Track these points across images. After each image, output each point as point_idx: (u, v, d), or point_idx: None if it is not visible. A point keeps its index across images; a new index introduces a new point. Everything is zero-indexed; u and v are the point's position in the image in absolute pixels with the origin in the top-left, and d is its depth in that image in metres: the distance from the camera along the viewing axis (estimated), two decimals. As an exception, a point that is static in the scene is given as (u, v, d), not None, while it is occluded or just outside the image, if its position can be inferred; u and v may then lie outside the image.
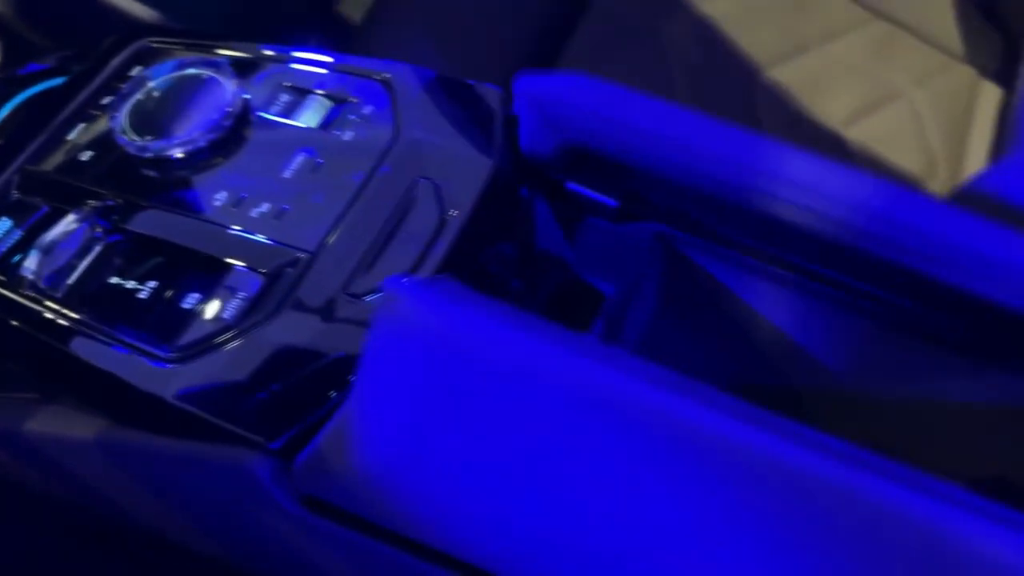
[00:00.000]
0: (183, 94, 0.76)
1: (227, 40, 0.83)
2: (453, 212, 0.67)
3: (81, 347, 0.66)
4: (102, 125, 0.77)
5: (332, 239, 0.66)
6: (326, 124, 0.74)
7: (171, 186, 0.72)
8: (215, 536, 0.72)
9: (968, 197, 0.94)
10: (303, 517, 0.59)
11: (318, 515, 0.59)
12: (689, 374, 0.82)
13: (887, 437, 0.83)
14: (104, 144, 0.76)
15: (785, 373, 0.82)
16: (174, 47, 0.83)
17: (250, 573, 0.74)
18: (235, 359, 0.61)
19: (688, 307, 0.79)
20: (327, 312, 0.63)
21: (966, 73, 1.29)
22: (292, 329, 0.62)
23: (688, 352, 0.82)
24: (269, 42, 0.83)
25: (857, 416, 0.82)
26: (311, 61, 0.79)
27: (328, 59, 0.79)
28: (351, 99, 0.75)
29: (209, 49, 0.82)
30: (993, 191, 0.92)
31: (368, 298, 0.62)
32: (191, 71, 0.78)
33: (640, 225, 0.75)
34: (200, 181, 0.72)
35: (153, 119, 0.75)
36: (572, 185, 0.75)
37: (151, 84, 0.77)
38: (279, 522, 0.61)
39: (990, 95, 1.31)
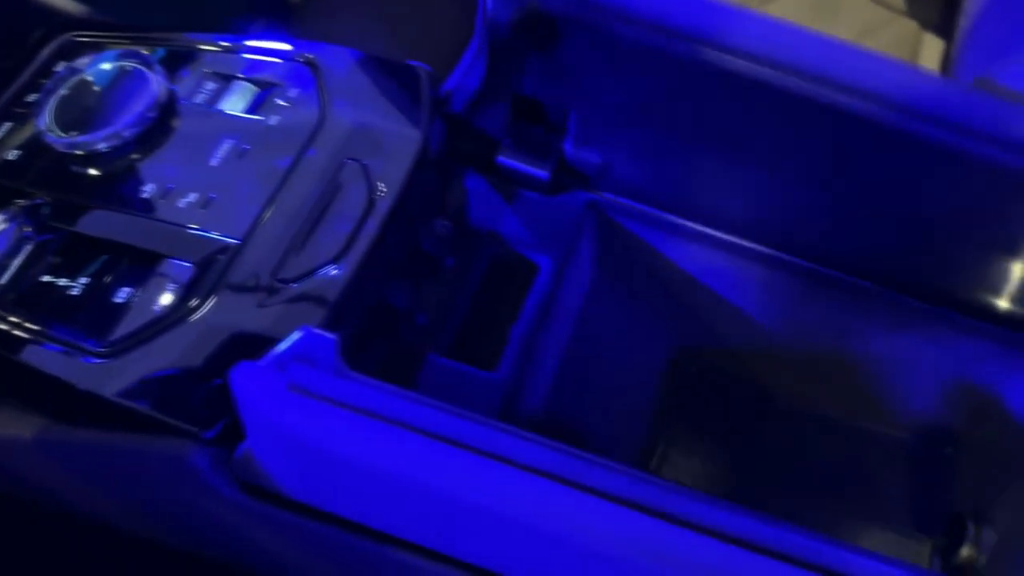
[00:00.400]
0: (108, 88, 0.75)
1: (151, 30, 0.82)
2: (382, 192, 0.67)
3: (16, 347, 0.66)
4: (28, 123, 0.77)
5: (260, 225, 0.66)
6: (252, 110, 0.74)
7: (99, 181, 0.71)
8: (165, 524, 0.72)
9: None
10: (243, 502, 0.59)
11: (257, 499, 0.59)
12: (628, 339, 0.84)
13: (824, 392, 0.84)
14: (30, 142, 0.75)
15: (722, 333, 0.83)
16: (98, 40, 0.82)
17: (199, 558, 0.75)
18: (167, 351, 0.61)
19: (623, 274, 0.80)
20: (257, 299, 0.63)
21: (908, 27, 1.30)
22: (222, 318, 0.62)
23: (626, 318, 0.83)
24: (211, 28, 0.82)
25: (793, 372, 0.83)
26: (237, 47, 0.79)
27: (254, 44, 0.78)
28: (277, 83, 0.75)
29: (133, 40, 0.81)
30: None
31: (295, 285, 0.62)
32: (115, 64, 0.77)
33: (572, 195, 0.76)
34: (127, 174, 0.71)
35: (78, 114, 0.74)
36: (503, 159, 0.75)
37: (75, 79, 0.76)
38: (222, 508, 0.62)
39: (932, 47, 1.31)
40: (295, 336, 0.52)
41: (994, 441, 0.80)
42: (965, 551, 0.76)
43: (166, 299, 0.64)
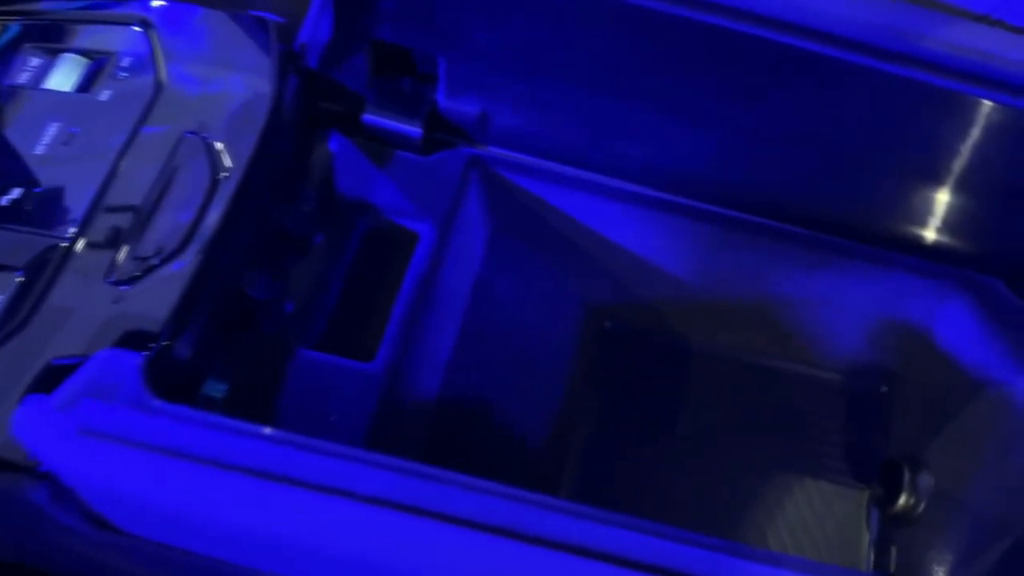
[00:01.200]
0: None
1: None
2: (227, 171, 0.59)
3: None
4: None
5: (92, 219, 0.58)
6: (82, 85, 0.65)
7: (-89, 183, 0.63)
8: (29, 555, 0.66)
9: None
10: (92, 535, 0.53)
11: (108, 530, 0.53)
12: (533, 303, 0.78)
13: (747, 338, 0.79)
14: None
15: (633, 287, 0.76)
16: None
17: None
18: (-8, 375, 0.54)
19: (519, 233, 0.72)
20: (91, 307, 0.55)
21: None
22: (53, 333, 0.55)
23: (528, 280, 0.75)
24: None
25: (712, 321, 0.77)
26: (63, 14, 0.69)
27: (81, 9, 0.69)
28: (108, 52, 0.66)
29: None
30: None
31: (127, 287, 0.55)
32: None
33: (451, 152, 0.68)
34: (-58, 173, 0.63)
35: None
36: (369, 117, 0.67)
37: None
38: (73, 540, 0.55)
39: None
40: (91, 362, 0.45)
41: (929, 379, 0.75)
42: (902, 500, 0.71)
43: (-9, 314, 0.56)
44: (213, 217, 0.57)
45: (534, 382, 0.75)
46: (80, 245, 0.57)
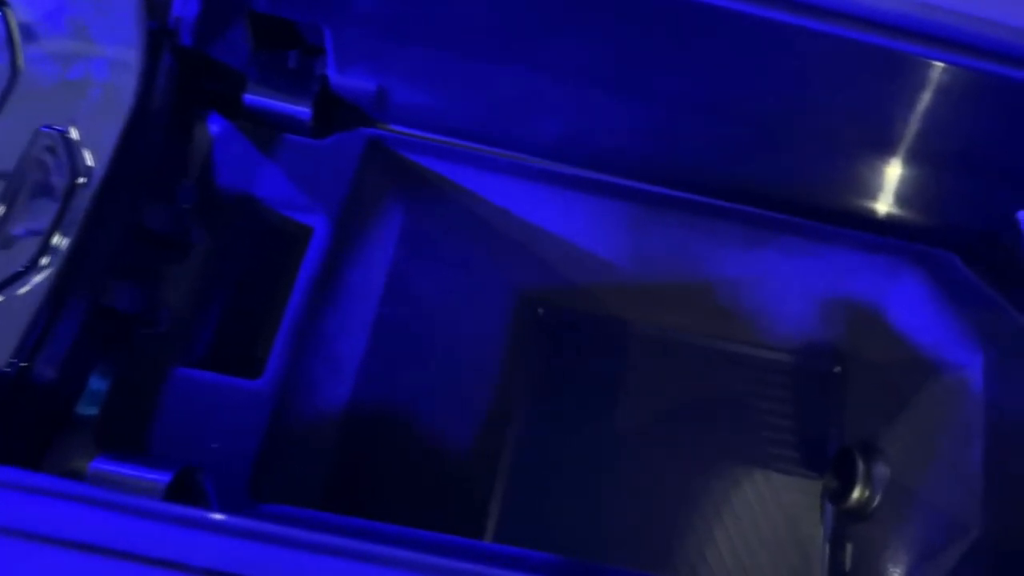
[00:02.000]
0: None
1: None
2: (83, 179, 0.53)
3: None
4: None
5: (-69, 234, 0.52)
6: (-74, 75, 0.58)
7: None
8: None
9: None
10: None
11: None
12: (457, 294, 0.72)
13: (688, 320, 0.73)
14: None
15: (563, 271, 0.70)
16: None
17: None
18: None
19: (433, 220, 0.65)
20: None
21: None
22: None
23: (450, 270, 0.68)
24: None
25: (649, 302, 0.71)
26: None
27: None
28: (-43, 37, 0.59)
29: None
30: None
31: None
32: None
33: (348, 134, 0.61)
34: None
35: None
36: (251, 97, 0.60)
37: None
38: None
39: None
40: None
41: (882, 360, 0.69)
42: (856, 492, 0.66)
43: None
44: (72, 222, 0.51)
45: (461, 380, 0.69)
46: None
